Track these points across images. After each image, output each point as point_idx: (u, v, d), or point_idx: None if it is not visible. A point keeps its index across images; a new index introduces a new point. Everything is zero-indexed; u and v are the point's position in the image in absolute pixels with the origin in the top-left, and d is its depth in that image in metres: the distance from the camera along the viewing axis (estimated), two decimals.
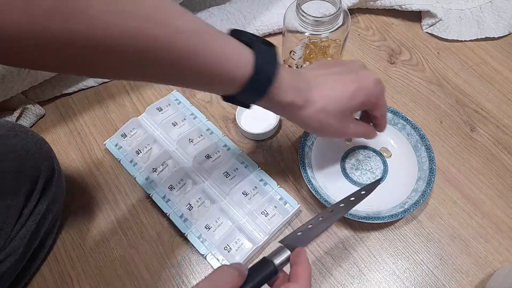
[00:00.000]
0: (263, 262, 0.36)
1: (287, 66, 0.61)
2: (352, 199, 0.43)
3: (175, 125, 0.62)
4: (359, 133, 0.49)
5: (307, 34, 0.55)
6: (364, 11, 0.75)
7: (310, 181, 0.53)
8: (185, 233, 0.52)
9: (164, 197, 0.55)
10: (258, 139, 0.61)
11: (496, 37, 0.70)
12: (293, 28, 0.55)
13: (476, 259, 0.51)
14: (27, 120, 0.63)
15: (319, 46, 0.59)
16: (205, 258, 0.51)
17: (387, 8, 0.73)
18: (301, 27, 0.54)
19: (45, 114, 0.65)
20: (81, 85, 0.67)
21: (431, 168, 0.54)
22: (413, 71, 0.68)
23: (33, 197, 0.46)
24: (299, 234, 0.39)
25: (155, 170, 0.58)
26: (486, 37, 0.70)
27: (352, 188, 0.55)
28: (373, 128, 0.50)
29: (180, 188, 0.56)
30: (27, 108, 0.63)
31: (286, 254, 0.36)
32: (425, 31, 0.72)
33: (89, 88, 0.68)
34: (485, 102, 0.64)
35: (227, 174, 0.57)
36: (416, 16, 0.74)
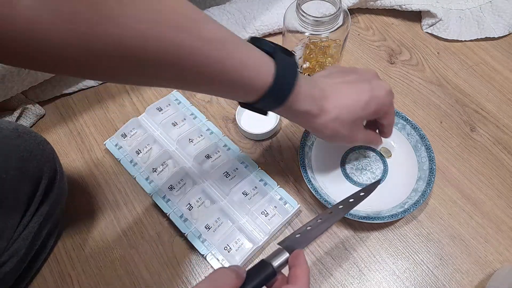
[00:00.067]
0: (261, 264, 0.36)
1: (303, 74, 0.62)
2: (351, 200, 0.43)
3: (175, 125, 0.62)
4: (367, 141, 0.49)
5: (307, 34, 0.55)
6: (364, 11, 0.75)
7: (310, 181, 0.53)
8: (185, 233, 0.52)
9: (164, 197, 0.55)
10: (258, 139, 0.61)
11: (496, 37, 0.70)
12: (293, 28, 0.55)
13: (476, 259, 0.51)
14: (27, 120, 0.63)
15: (319, 46, 0.59)
16: (205, 258, 0.51)
17: (387, 8, 0.73)
18: (301, 27, 0.54)
19: (45, 114, 0.65)
20: (81, 85, 0.67)
21: (431, 168, 0.54)
22: (413, 71, 0.68)
23: (35, 198, 0.46)
24: (297, 236, 0.39)
25: (155, 170, 0.58)
26: (486, 37, 0.70)
27: (352, 188, 0.55)
28: (380, 136, 0.51)
29: (180, 188, 0.56)
30: (27, 108, 0.62)
31: (285, 256, 0.36)
32: (425, 31, 0.72)
33: (89, 88, 0.68)
34: (485, 102, 0.64)
35: (227, 174, 0.57)
36: (416, 16, 0.74)
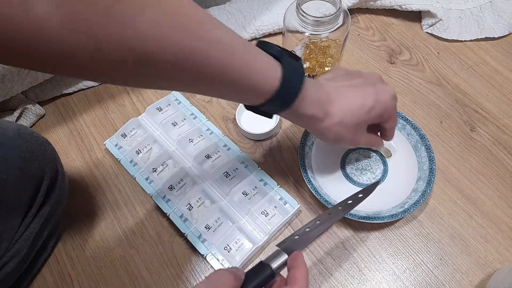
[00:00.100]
0: (260, 266, 0.36)
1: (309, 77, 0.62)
2: (350, 202, 0.43)
3: (175, 125, 0.62)
4: (369, 144, 0.50)
5: (307, 34, 0.55)
6: (364, 11, 0.75)
7: (310, 181, 0.53)
8: (185, 233, 0.52)
9: (164, 197, 0.55)
10: (258, 139, 0.61)
11: (496, 37, 0.70)
12: (293, 28, 0.55)
13: (476, 259, 0.51)
14: (27, 120, 0.63)
15: (319, 46, 0.59)
16: (205, 258, 0.51)
17: (387, 8, 0.73)
18: (301, 27, 0.54)
19: (45, 114, 0.65)
20: (81, 85, 0.67)
21: (431, 168, 0.54)
22: (413, 71, 0.68)
23: (37, 199, 0.46)
24: (296, 238, 0.39)
25: (155, 170, 0.58)
26: (486, 37, 0.70)
27: (352, 188, 0.55)
28: (381, 139, 0.51)
29: (180, 188, 0.56)
30: (27, 108, 0.62)
31: (284, 258, 0.36)
32: (425, 31, 0.72)
33: (89, 88, 0.68)
34: (485, 102, 0.64)
35: (227, 174, 0.57)
36: (416, 16, 0.74)
